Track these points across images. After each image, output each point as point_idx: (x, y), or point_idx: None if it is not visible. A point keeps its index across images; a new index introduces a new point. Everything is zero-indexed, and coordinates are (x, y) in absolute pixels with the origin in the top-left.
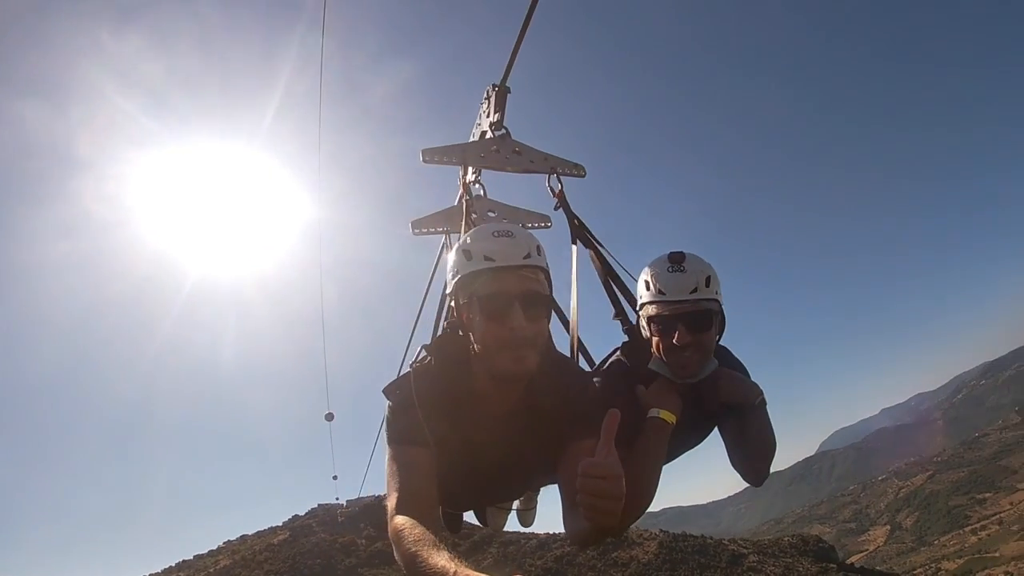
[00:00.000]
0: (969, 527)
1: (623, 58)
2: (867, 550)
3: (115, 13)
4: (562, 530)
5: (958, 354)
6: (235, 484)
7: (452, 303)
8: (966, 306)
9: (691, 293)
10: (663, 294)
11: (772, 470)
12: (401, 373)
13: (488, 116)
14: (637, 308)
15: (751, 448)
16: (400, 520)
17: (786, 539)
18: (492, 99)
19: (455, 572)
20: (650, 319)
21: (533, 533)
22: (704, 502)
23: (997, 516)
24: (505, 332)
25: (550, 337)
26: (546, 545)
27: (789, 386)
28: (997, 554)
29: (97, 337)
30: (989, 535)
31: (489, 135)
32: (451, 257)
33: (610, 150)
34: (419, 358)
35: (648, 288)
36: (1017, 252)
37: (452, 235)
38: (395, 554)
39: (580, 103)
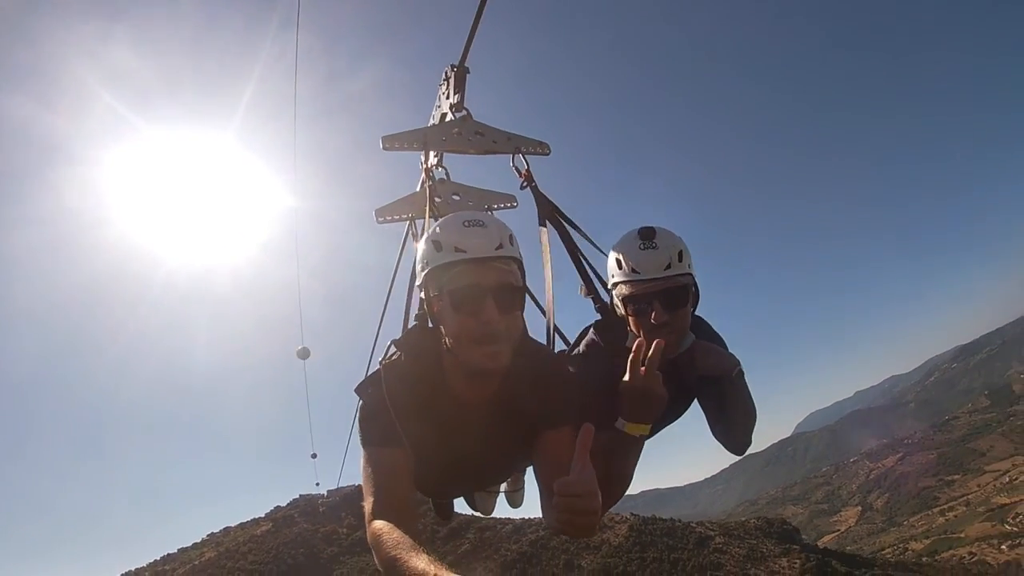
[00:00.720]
0: (937, 508)
1: (589, 36)
2: (839, 530)
3: (89, 3)
4: (536, 514)
5: (932, 337)
6: (216, 477)
7: (422, 295)
8: (940, 289)
9: (665, 270)
10: (637, 272)
11: (748, 452)
12: (370, 369)
13: (448, 98)
14: (609, 287)
15: (732, 418)
16: (378, 524)
17: (752, 521)
18: (451, 80)
19: (434, 574)
20: (625, 299)
21: (508, 518)
22: (681, 484)
23: (964, 498)
24: (477, 326)
25: (524, 325)
26: (521, 530)
27: (766, 369)
28: (963, 535)
29: (71, 329)
30: (956, 516)
31: (450, 117)
32: (420, 247)
33: (578, 128)
34: (388, 354)
35: (620, 267)
36: (991, 236)
37: (417, 221)
38: (375, 559)
39: (546, 82)
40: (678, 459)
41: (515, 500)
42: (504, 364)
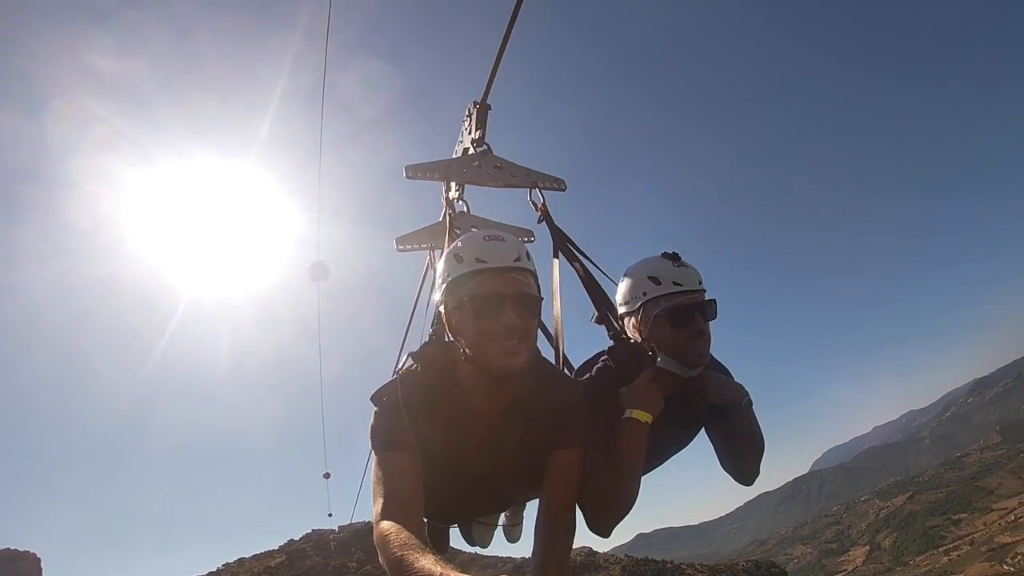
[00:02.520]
0: (943, 548)
1: (603, 72)
2: (846, 570)
3: (104, 26)
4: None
5: (949, 370)
6: (230, 508)
7: (441, 309)
8: (960, 322)
9: (699, 284)
10: (679, 285)
11: (762, 490)
12: (388, 380)
13: (470, 133)
14: (633, 307)
15: (740, 448)
16: (386, 525)
17: (741, 564)
18: (473, 116)
19: (441, 574)
20: (667, 311)
21: (510, 557)
22: (696, 523)
23: (970, 537)
24: (497, 328)
25: (537, 346)
26: (521, 568)
27: (783, 404)
28: (962, 575)
29: (89, 358)
30: (959, 556)
31: (471, 151)
32: (440, 265)
33: (591, 163)
34: (405, 365)
35: (659, 283)
36: (1011, 267)
37: (436, 251)
38: (380, 559)
39: (561, 117)
40: (693, 498)
41: (513, 535)
42: (521, 365)
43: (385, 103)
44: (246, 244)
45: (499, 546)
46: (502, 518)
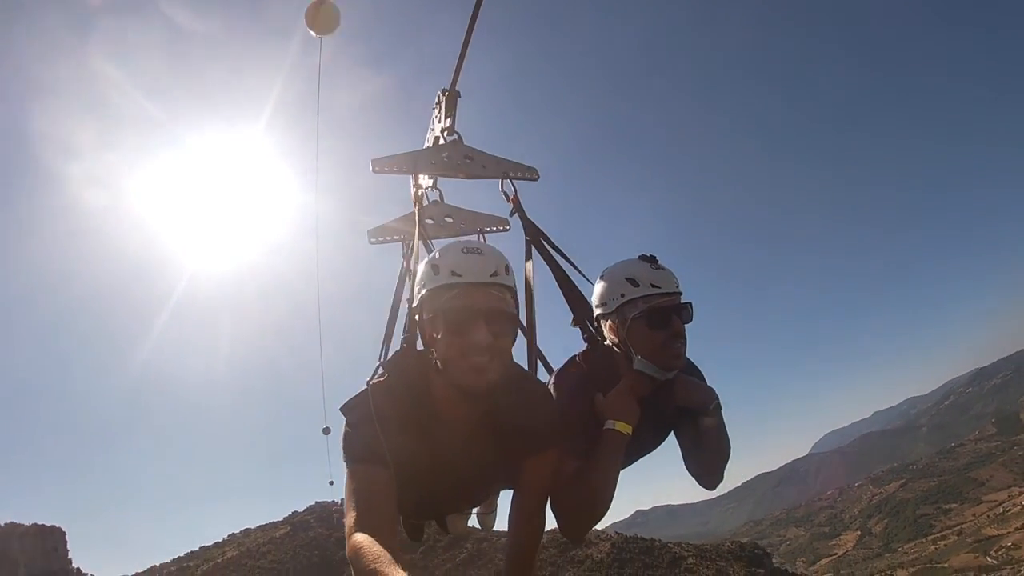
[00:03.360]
0: (931, 536)
1: (579, 60)
2: (836, 554)
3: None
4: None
5: (952, 359)
6: (235, 481)
7: (416, 317)
8: (963, 310)
9: (676, 287)
10: (657, 287)
11: (760, 471)
12: (359, 391)
13: (440, 121)
14: (610, 309)
15: (706, 453)
16: (358, 538)
17: (726, 544)
18: (443, 104)
19: None
20: (644, 313)
21: (505, 531)
22: (694, 501)
23: (958, 527)
24: (467, 345)
25: (512, 353)
26: (460, 540)
27: (783, 386)
28: (946, 564)
29: (93, 329)
30: (946, 546)
31: (441, 141)
32: (420, 269)
33: (568, 155)
34: (376, 376)
35: (637, 284)
36: (1015, 258)
37: (408, 243)
38: (353, 573)
39: (537, 107)
40: (690, 476)
41: (487, 523)
42: (491, 382)
43: (368, 92)
44: (247, 215)
45: (499, 523)
46: (476, 508)
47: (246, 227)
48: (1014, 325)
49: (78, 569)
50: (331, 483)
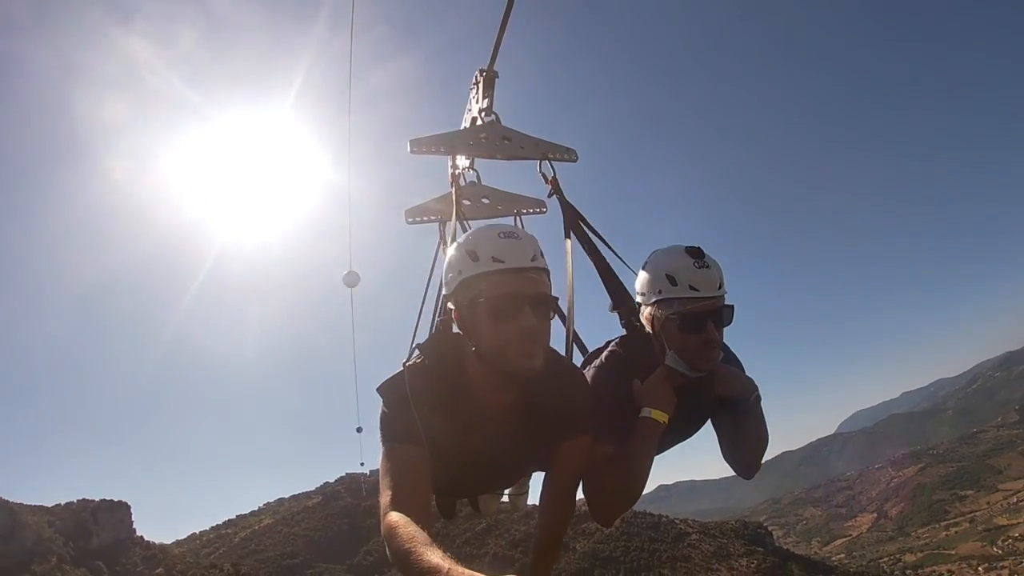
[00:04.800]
0: (944, 522)
1: (618, 41)
2: (850, 535)
3: None
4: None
5: (983, 341)
6: (268, 452)
7: (452, 304)
8: (997, 292)
9: (718, 289)
10: (696, 290)
11: (784, 449)
12: (395, 372)
13: (477, 102)
14: (648, 301)
15: (745, 443)
16: (393, 517)
17: (730, 523)
18: (480, 85)
19: (448, 570)
20: (679, 316)
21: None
22: (716, 478)
23: (972, 514)
24: (516, 330)
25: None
26: (531, 515)
27: (812, 364)
28: (954, 552)
29: (132, 306)
30: (957, 532)
31: (479, 121)
32: (452, 256)
33: (605, 136)
34: (413, 357)
35: (675, 284)
36: None
37: (447, 224)
38: (387, 551)
39: (575, 87)
40: (716, 452)
41: (518, 504)
42: (539, 366)
43: (431, 53)
44: (278, 195)
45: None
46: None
47: (279, 204)
48: None
49: (141, 537)
50: (362, 464)
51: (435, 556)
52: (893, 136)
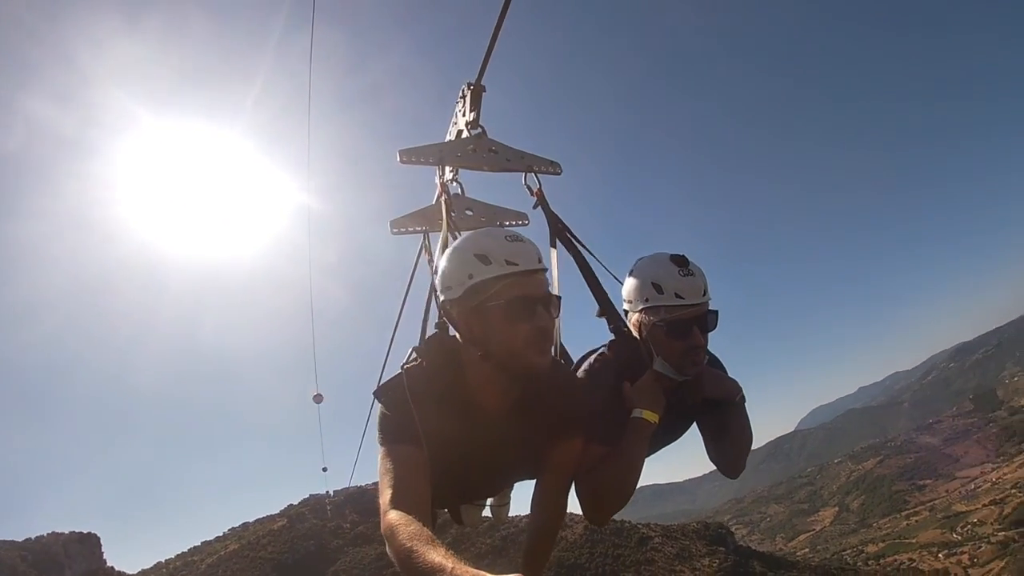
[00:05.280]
0: (905, 512)
1: (606, 55)
2: (813, 530)
3: None
4: (512, 514)
5: (936, 334)
6: (230, 476)
7: (455, 309)
8: (947, 285)
9: (703, 295)
10: (680, 298)
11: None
12: (392, 374)
13: (464, 115)
14: (635, 308)
15: (731, 444)
16: (394, 516)
17: (692, 525)
18: (467, 98)
19: (452, 569)
20: (666, 323)
21: (486, 516)
22: (681, 480)
23: (931, 503)
24: (532, 330)
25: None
26: (494, 527)
27: (771, 361)
28: (914, 540)
29: (86, 326)
30: (917, 521)
31: (465, 134)
32: (455, 261)
33: (589, 147)
34: (409, 360)
35: (661, 291)
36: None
37: (431, 234)
38: (388, 550)
39: (559, 100)
40: (678, 455)
41: (501, 515)
42: (548, 363)
43: (376, 79)
44: (242, 212)
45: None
46: (491, 499)
47: (238, 220)
48: (998, 299)
49: (112, 568)
50: (324, 469)
51: (438, 555)
52: (846, 136)
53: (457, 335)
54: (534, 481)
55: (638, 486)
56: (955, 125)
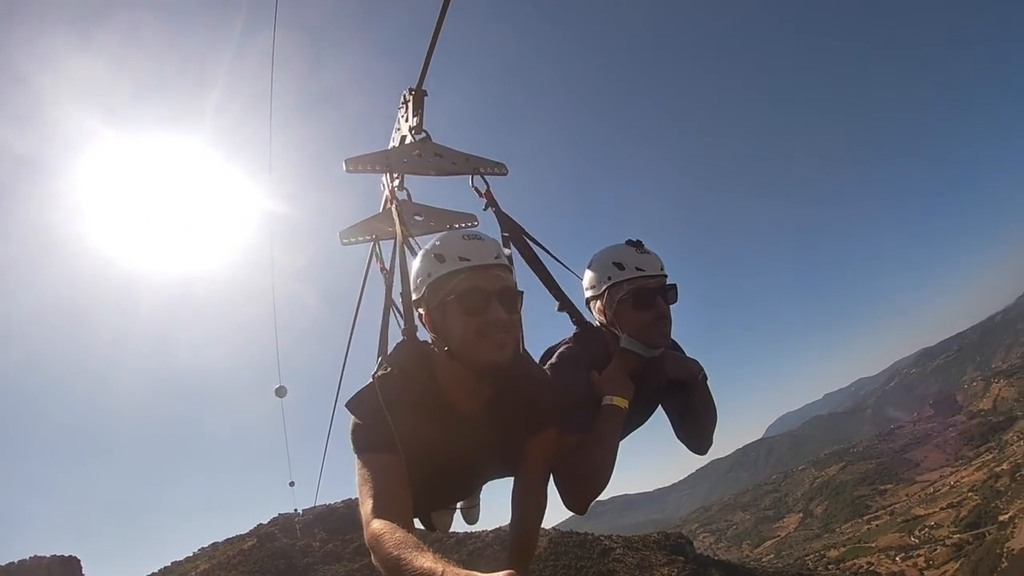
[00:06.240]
0: (867, 517)
1: (549, 49)
2: (778, 536)
3: (51, 12)
4: (478, 528)
5: (900, 340)
6: (197, 496)
7: (422, 309)
8: (909, 291)
9: (661, 270)
10: (642, 270)
11: (714, 457)
12: (342, 385)
13: (407, 120)
14: (598, 291)
15: (697, 422)
16: (378, 524)
17: (652, 535)
18: (409, 104)
19: (443, 572)
20: (631, 294)
21: (453, 532)
22: (651, 489)
23: (891, 507)
24: (486, 323)
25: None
26: (463, 542)
27: (738, 369)
28: (874, 544)
29: (50, 343)
30: (878, 526)
31: (409, 139)
32: (418, 263)
33: (543, 148)
34: (380, 368)
35: (623, 268)
36: (970, 236)
37: (381, 243)
38: (374, 559)
39: (511, 101)
40: (648, 465)
41: (471, 516)
42: (510, 357)
43: (325, 86)
44: (202, 223)
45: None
46: (461, 502)
47: (201, 232)
48: (959, 304)
49: None
50: (292, 484)
51: (427, 559)
52: (813, 144)
53: (428, 338)
54: (512, 480)
55: (609, 497)
56: (923, 134)
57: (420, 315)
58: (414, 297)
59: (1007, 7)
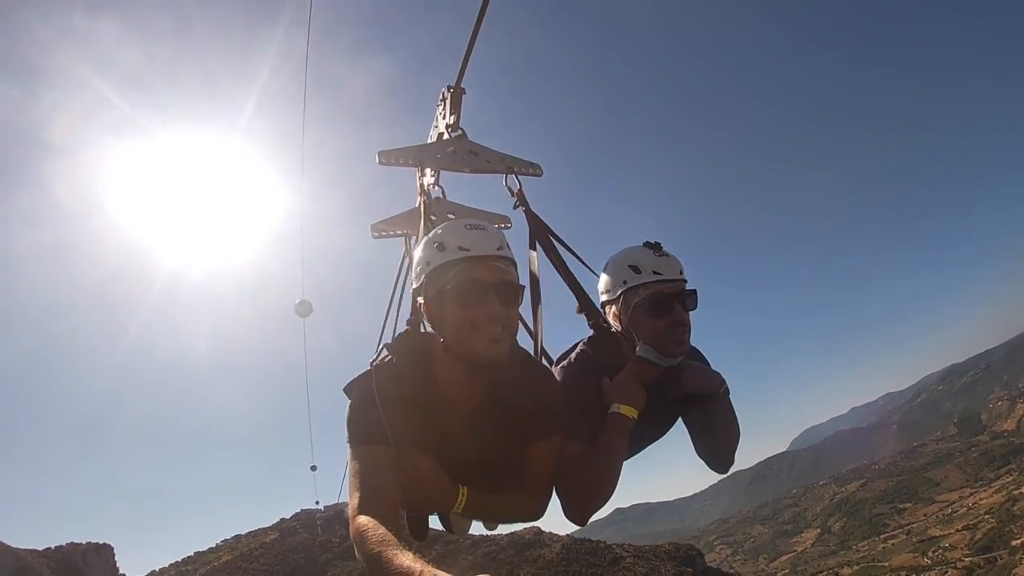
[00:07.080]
0: (883, 535)
1: (588, 58)
2: (795, 551)
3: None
4: (495, 532)
5: (929, 355)
6: (222, 488)
7: (421, 298)
8: (941, 306)
9: (680, 274)
10: (659, 274)
11: (737, 468)
12: (362, 371)
13: (444, 118)
14: (614, 295)
15: (718, 437)
16: (363, 520)
17: (664, 546)
18: (447, 101)
19: (421, 571)
20: (647, 299)
21: (470, 534)
22: (672, 499)
23: (909, 527)
24: (481, 316)
25: (518, 323)
26: (478, 544)
27: (765, 382)
28: (887, 564)
29: (66, 333)
30: (894, 545)
31: (446, 136)
32: (419, 252)
33: (571, 150)
34: (380, 356)
35: (639, 271)
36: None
37: (412, 238)
38: (358, 554)
39: (542, 103)
40: (670, 475)
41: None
42: (503, 352)
43: (365, 86)
44: (230, 222)
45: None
46: None
47: (228, 225)
48: (989, 321)
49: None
50: (317, 503)
51: (407, 558)
52: (843, 157)
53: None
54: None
55: (630, 505)
56: (957, 153)
57: (419, 304)
58: (414, 286)
59: None
